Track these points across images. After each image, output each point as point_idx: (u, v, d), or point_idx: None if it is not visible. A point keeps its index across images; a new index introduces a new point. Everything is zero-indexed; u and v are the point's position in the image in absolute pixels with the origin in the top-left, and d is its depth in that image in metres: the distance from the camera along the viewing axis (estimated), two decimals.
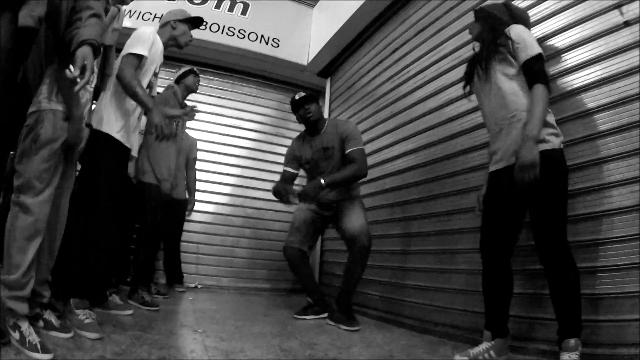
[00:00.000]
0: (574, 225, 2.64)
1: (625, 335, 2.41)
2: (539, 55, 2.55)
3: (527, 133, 2.41)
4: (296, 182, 4.59)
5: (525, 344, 2.87)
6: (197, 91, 4.93)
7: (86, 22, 2.19)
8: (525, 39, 2.59)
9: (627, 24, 2.66)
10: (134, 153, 3.95)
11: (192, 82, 4.76)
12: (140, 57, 3.21)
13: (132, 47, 3.20)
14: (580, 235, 2.69)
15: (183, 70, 4.87)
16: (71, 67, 2.04)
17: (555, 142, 2.47)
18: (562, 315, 2.37)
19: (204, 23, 3.98)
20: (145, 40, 3.27)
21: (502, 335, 2.61)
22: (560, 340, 2.34)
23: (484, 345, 2.61)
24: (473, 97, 3.05)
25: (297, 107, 4.35)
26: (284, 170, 4.51)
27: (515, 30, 2.64)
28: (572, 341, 2.29)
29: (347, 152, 4.13)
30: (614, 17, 2.73)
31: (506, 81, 2.63)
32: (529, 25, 2.90)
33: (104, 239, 3.05)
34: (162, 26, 3.68)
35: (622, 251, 2.51)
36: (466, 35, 3.92)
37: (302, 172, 4.60)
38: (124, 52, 3.19)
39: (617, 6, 2.72)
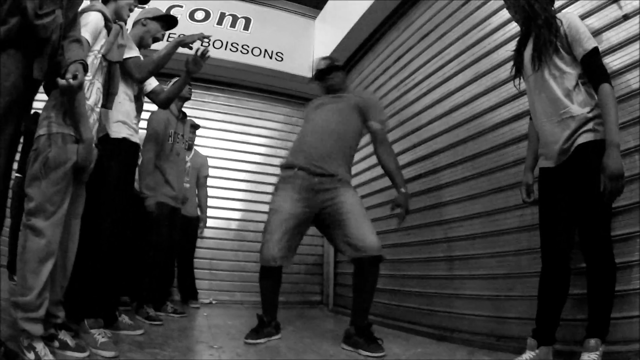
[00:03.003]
0: None
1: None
2: (596, 49, 2.38)
3: (609, 141, 2.25)
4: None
5: None
6: (205, 109, 4.95)
7: (68, 47, 2.26)
8: (580, 30, 2.41)
9: (626, 17, 2.64)
10: None
11: (185, 90, 4.72)
12: None
13: None
14: None
15: (173, 81, 4.91)
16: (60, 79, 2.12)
17: (602, 132, 2.33)
18: (594, 315, 2.31)
19: (177, 23, 3.73)
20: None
21: (549, 343, 2.48)
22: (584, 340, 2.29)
23: (528, 355, 2.47)
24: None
25: (318, 76, 3.97)
26: None
27: (570, 20, 2.47)
28: (593, 341, 2.23)
29: (371, 123, 3.66)
30: (613, 12, 2.72)
31: (558, 76, 2.47)
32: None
33: (111, 256, 3.07)
34: (134, 25, 3.54)
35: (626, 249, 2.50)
36: (469, 39, 3.94)
37: None
38: None
39: (615, 0, 2.71)
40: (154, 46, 3.61)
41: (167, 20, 3.63)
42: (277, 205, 3.54)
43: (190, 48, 3.38)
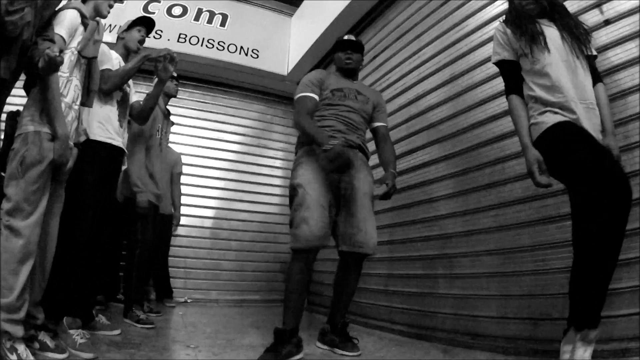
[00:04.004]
0: (565, 223, 2.64)
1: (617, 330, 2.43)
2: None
3: (612, 128, 2.33)
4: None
5: (517, 343, 2.89)
6: (179, 105, 4.91)
7: (42, 44, 2.25)
8: None
9: (607, 22, 2.70)
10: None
11: (171, 88, 4.69)
12: None
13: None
14: None
15: (155, 81, 4.87)
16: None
17: None
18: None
19: (154, 22, 3.76)
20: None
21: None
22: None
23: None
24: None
25: (340, 47, 3.50)
26: (307, 97, 3.27)
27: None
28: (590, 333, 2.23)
29: (378, 124, 3.46)
30: (594, 17, 2.78)
31: (586, 66, 2.39)
32: None
33: (89, 257, 3.06)
34: (117, 45, 3.63)
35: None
36: (446, 40, 3.99)
37: None
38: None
39: (597, 5, 2.77)
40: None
41: (144, 22, 3.65)
42: (307, 179, 3.04)
43: (157, 62, 3.45)
